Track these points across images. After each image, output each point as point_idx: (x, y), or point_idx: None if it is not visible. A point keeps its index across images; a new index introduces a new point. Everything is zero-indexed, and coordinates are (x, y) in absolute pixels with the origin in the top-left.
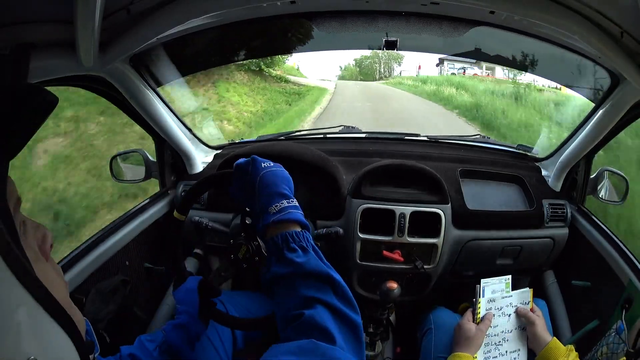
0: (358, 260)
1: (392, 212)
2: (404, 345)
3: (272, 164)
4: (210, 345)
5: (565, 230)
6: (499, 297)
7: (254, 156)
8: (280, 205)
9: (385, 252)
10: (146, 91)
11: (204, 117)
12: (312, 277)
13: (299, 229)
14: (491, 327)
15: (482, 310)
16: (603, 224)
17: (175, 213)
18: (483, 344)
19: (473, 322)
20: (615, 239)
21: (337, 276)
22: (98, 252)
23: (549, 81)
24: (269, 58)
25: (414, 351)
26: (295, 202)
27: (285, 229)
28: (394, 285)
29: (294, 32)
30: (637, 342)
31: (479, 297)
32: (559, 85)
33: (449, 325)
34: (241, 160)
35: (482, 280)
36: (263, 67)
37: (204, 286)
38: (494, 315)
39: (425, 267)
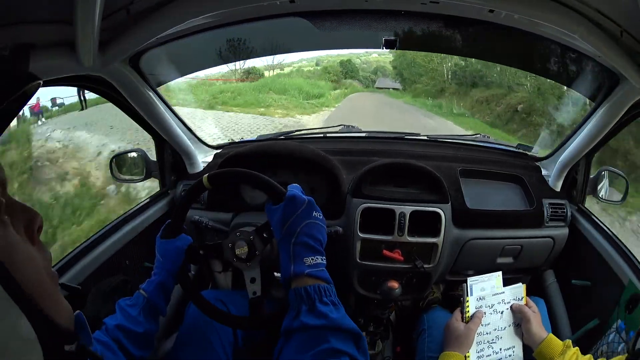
0: (358, 260)
1: (392, 211)
2: (403, 344)
3: (321, 216)
4: (209, 345)
5: (565, 230)
6: (489, 294)
7: (311, 200)
8: (315, 260)
9: (385, 252)
10: (146, 91)
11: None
12: (344, 332)
13: (327, 285)
14: (482, 325)
15: (471, 309)
16: (603, 224)
17: (205, 179)
18: (475, 342)
19: (462, 320)
20: (615, 238)
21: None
22: (98, 251)
23: None
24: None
25: (414, 351)
26: (325, 261)
27: (316, 283)
28: (395, 284)
29: (294, 32)
30: (636, 344)
31: (467, 295)
32: None
33: (443, 325)
34: (298, 193)
35: (468, 279)
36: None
37: (190, 251)
38: (484, 313)
39: (425, 266)
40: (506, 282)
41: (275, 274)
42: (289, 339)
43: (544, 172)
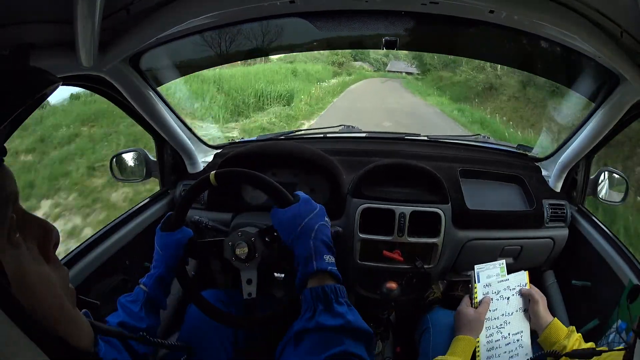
0: (358, 260)
1: (392, 211)
2: (403, 345)
3: (329, 223)
4: (210, 345)
5: (565, 231)
6: (494, 281)
7: (322, 207)
8: (332, 259)
9: (385, 252)
10: (146, 91)
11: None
12: (359, 334)
13: (342, 286)
14: (490, 311)
15: (479, 296)
16: (603, 224)
17: (212, 176)
18: (485, 327)
19: (471, 306)
20: (615, 239)
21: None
22: (98, 251)
23: None
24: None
25: (414, 351)
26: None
27: (332, 283)
28: (393, 285)
29: (293, 32)
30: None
31: (475, 282)
32: None
33: (446, 325)
34: (309, 198)
35: (475, 266)
36: None
37: (191, 245)
38: (492, 299)
39: (425, 266)
40: None
41: (276, 274)
42: (300, 341)
43: (544, 172)
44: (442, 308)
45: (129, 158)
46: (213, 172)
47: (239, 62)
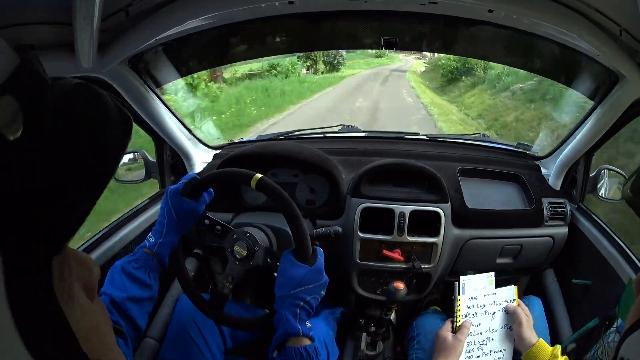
0: (358, 260)
1: (392, 211)
2: (404, 345)
3: (323, 294)
4: (195, 347)
5: (565, 229)
6: (481, 294)
7: (327, 280)
8: (310, 324)
9: (385, 251)
10: (145, 92)
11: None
12: None
13: (316, 345)
14: (474, 325)
15: (462, 308)
16: (603, 222)
17: (255, 179)
18: (466, 343)
19: (452, 331)
20: (615, 237)
21: None
22: (98, 253)
23: None
24: None
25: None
26: None
27: (311, 344)
28: (400, 285)
29: (292, 33)
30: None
31: (459, 294)
32: None
33: (432, 332)
34: (323, 268)
35: (461, 277)
36: None
37: (204, 219)
38: (476, 313)
39: (425, 266)
40: (506, 282)
41: None
42: None
43: (543, 171)
44: (432, 313)
45: (128, 159)
46: (260, 175)
47: None
